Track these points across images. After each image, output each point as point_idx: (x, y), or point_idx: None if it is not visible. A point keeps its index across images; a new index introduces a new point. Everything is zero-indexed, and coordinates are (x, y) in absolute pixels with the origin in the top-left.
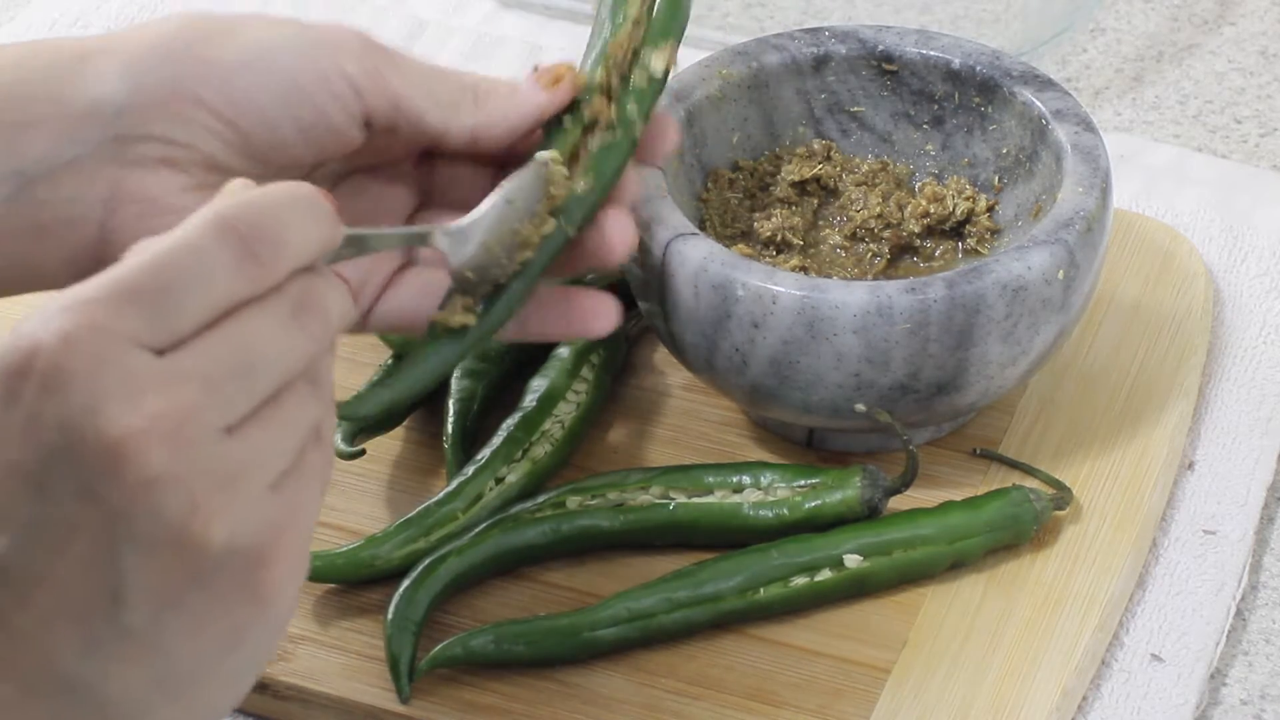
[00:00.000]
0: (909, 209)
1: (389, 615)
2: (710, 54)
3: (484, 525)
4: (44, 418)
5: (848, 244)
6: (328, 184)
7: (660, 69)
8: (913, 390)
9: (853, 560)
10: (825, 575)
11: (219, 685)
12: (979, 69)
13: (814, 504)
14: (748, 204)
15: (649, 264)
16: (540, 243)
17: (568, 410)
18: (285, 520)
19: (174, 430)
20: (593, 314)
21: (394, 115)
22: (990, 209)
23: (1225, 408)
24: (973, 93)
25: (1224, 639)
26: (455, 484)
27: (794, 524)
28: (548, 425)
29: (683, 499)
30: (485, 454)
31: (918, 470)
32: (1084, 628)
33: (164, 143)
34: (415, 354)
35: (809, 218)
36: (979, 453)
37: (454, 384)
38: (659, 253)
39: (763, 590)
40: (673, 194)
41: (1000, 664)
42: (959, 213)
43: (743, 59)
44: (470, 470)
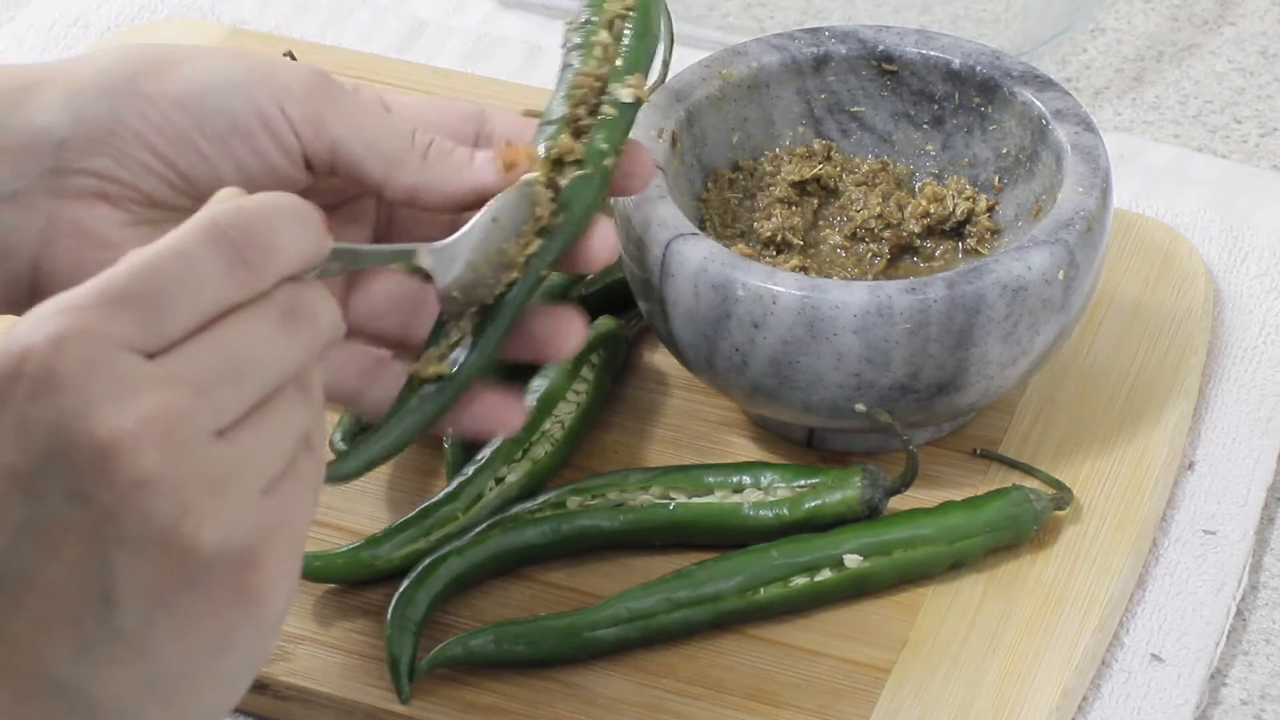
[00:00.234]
0: (909, 209)
1: (389, 615)
2: (710, 54)
3: (484, 525)
4: (35, 420)
5: (848, 244)
6: None
7: (628, 99)
8: (913, 390)
9: (853, 560)
10: (825, 575)
11: (211, 688)
12: (979, 69)
13: (814, 504)
14: (748, 204)
15: (649, 264)
16: (525, 264)
17: (568, 410)
18: (276, 524)
19: (165, 433)
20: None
21: (332, 160)
22: (990, 209)
23: (1225, 408)
24: (973, 93)
25: (1224, 639)
26: (455, 484)
27: (794, 524)
28: (548, 425)
29: (683, 499)
30: (485, 454)
31: (918, 470)
32: (1084, 628)
33: (102, 178)
34: (398, 407)
35: (809, 218)
36: (979, 453)
37: None
38: (659, 253)
39: (763, 590)
40: (673, 194)
41: (1000, 664)
42: (959, 213)
43: (743, 59)
44: (470, 470)
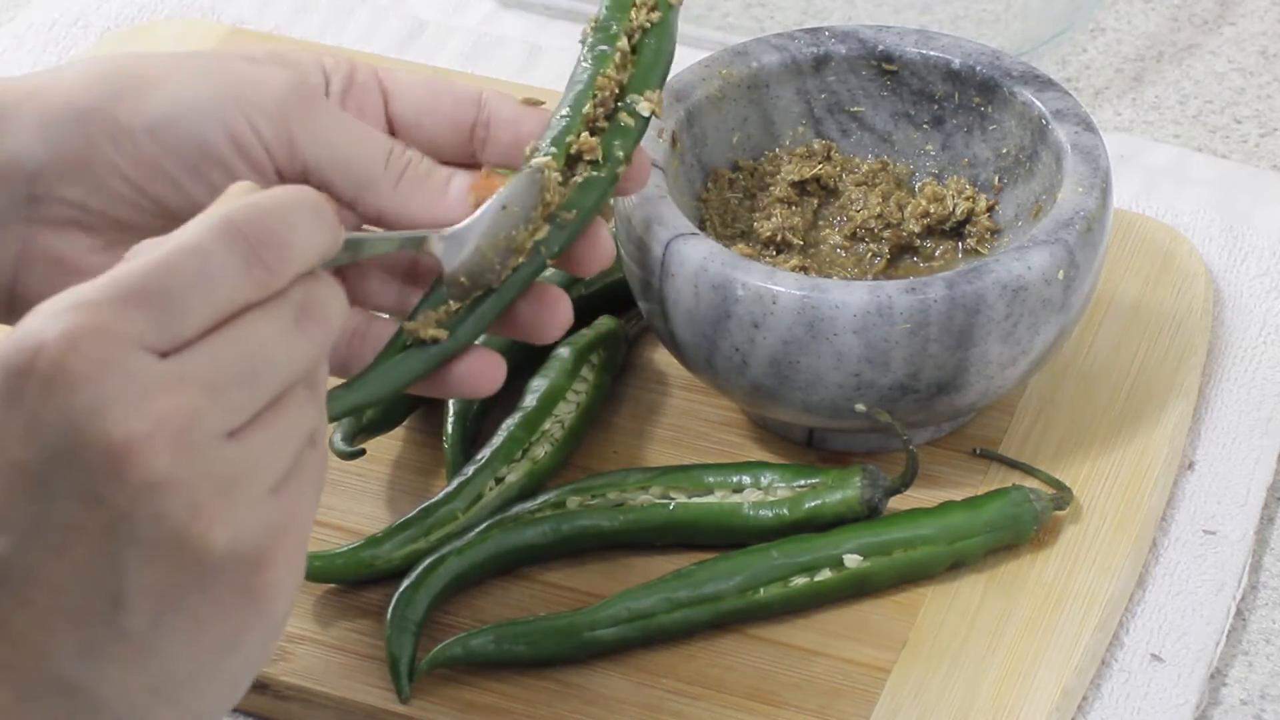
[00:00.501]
0: (909, 209)
1: (389, 615)
2: (710, 54)
3: (484, 525)
4: (46, 418)
5: (848, 244)
6: None
7: (646, 114)
8: (913, 390)
9: (853, 560)
10: (825, 575)
11: (215, 688)
12: (979, 69)
13: (814, 504)
14: (748, 204)
15: (649, 264)
16: (531, 250)
17: (568, 410)
18: (284, 524)
19: (178, 434)
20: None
21: (305, 179)
22: (990, 209)
23: (1225, 408)
24: (973, 93)
25: (1224, 639)
26: (455, 484)
27: (794, 524)
28: (548, 425)
29: (683, 499)
30: (485, 454)
31: (918, 470)
32: (1084, 628)
33: (76, 206)
34: (383, 359)
35: (809, 218)
36: (979, 453)
37: None
38: (659, 253)
39: (763, 590)
40: (673, 194)
41: (1000, 664)
42: (959, 213)
43: (742, 59)
44: (470, 470)
